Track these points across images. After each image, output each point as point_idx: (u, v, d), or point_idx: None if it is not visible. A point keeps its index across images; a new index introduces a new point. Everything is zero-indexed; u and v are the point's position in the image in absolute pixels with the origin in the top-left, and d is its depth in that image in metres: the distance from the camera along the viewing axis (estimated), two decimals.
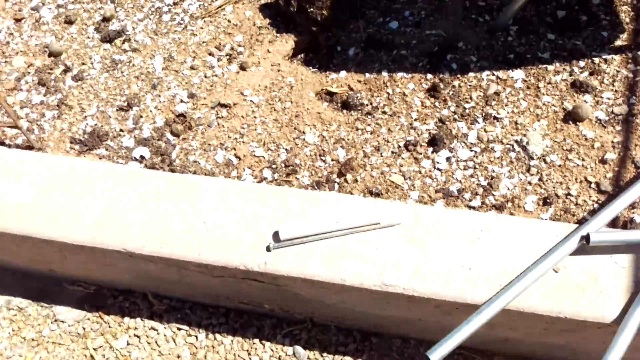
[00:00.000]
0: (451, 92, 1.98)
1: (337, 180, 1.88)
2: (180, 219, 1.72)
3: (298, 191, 1.79)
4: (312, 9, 2.18)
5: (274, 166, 1.94)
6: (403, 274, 1.60)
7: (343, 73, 2.11)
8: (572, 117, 1.87)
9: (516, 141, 1.86)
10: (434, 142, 1.89)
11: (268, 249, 1.68)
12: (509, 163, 1.83)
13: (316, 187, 1.87)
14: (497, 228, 1.64)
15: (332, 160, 1.92)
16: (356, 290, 1.64)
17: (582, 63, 1.98)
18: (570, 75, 1.96)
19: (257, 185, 1.83)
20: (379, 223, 1.67)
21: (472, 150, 1.87)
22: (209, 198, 1.77)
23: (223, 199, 1.76)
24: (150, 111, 2.09)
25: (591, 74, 1.95)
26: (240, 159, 1.96)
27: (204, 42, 2.22)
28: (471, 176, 1.83)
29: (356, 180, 1.87)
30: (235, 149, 1.98)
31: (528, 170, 1.81)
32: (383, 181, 1.86)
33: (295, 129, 2.00)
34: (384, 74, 2.07)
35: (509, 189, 1.79)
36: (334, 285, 1.64)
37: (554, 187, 1.77)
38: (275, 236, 1.69)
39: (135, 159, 1.99)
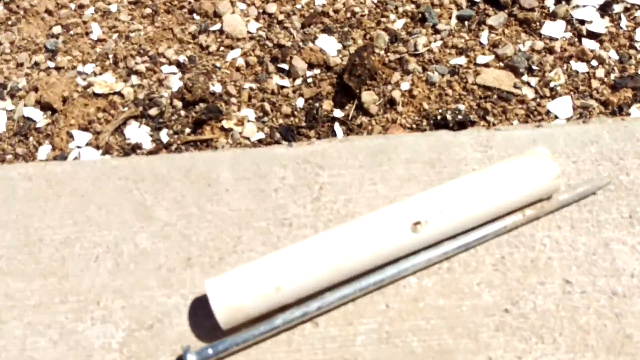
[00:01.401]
0: None
1: (343, 113, 0.68)
2: None
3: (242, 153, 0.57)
4: None
5: (153, 111, 0.70)
6: None
7: None
8: None
9: None
10: None
11: None
12: None
13: (289, 141, 0.66)
14: None
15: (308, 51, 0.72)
16: None
17: None
18: None
19: (120, 162, 0.58)
20: (550, 197, 0.49)
21: None
22: None
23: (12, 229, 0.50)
24: None
25: None
26: (55, 111, 0.70)
27: None
28: None
29: (413, 97, 0.68)
30: (38, 87, 0.72)
31: None
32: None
33: (191, 12, 0.78)
34: None
35: None
36: None
37: None
38: (199, 316, 0.46)
39: None
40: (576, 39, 0.72)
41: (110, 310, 0.49)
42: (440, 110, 0.67)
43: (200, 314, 0.49)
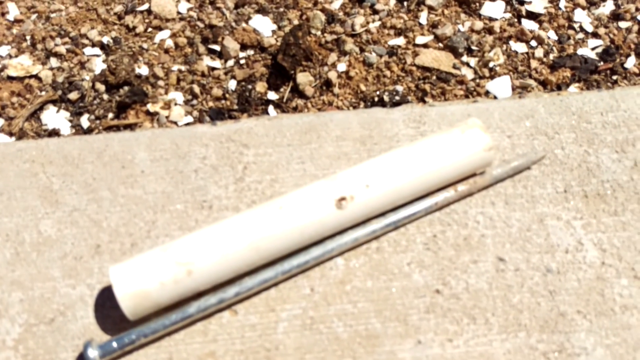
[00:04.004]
0: None
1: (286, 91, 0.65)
2: None
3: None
4: None
5: (73, 95, 0.65)
6: None
7: None
8: None
9: None
10: None
11: None
12: None
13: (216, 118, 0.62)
14: None
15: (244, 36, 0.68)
16: None
17: None
18: None
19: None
20: (483, 172, 0.47)
21: None
22: None
23: None
24: None
25: None
26: None
27: None
28: None
29: (349, 78, 0.65)
30: None
31: None
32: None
33: None
34: None
35: None
36: None
37: None
38: (107, 308, 0.42)
39: None
40: (515, 20, 0.71)
41: (7, 304, 0.44)
42: (377, 92, 0.64)
43: (109, 305, 0.44)
